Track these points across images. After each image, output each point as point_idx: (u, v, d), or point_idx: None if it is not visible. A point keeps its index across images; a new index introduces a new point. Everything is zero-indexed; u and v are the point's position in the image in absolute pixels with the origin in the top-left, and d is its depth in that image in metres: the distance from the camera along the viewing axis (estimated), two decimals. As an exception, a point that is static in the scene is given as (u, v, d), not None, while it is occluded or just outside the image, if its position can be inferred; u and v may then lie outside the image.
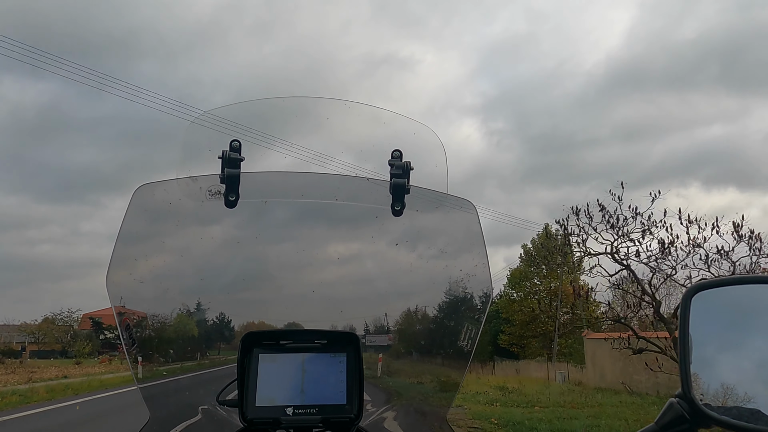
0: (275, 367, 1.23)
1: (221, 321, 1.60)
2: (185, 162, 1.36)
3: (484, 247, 1.38)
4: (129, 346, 1.35)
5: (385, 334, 1.64)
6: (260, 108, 1.47)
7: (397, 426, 1.50)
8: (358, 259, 1.55)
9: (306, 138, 1.53)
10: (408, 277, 1.50)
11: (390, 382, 1.70)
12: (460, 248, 1.45)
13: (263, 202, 1.45)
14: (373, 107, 1.47)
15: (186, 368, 1.60)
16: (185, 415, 1.49)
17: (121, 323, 1.33)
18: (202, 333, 1.57)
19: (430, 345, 1.62)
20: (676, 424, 0.93)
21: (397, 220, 1.37)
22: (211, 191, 1.35)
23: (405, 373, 1.70)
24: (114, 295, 1.29)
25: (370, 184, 1.39)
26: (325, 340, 1.27)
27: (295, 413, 1.19)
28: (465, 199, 1.39)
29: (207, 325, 1.55)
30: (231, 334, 1.64)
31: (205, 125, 1.39)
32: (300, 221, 1.56)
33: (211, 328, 1.60)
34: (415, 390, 1.62)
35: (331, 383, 1.23)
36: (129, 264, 1.33)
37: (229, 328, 1.64)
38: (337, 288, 1.55)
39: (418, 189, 1.37)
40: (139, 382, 1.38)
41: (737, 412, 0.93)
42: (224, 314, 1.59)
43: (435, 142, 1.42)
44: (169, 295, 1.43)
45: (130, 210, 1.31)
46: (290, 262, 1.55)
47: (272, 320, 1.55)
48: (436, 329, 1.62)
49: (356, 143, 1.52)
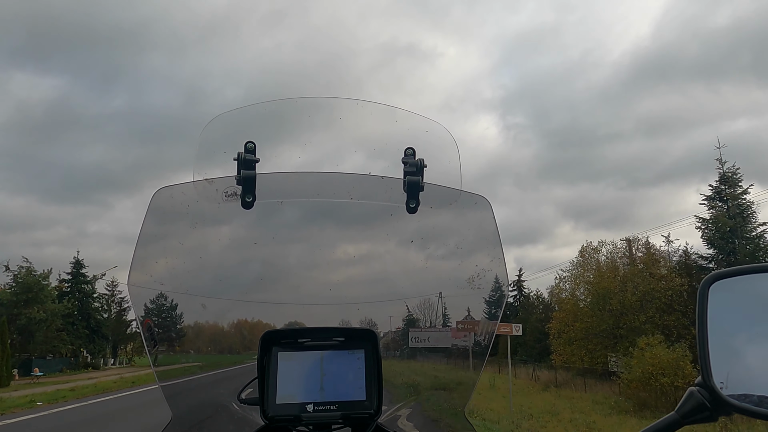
0: (294, 365, 1.25)
1: (240, 320, 1.61)
2: (201, 164, 1.38)
3: (500, 243, 1.39)
4: (151, 347, 1.37)
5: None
6: (273, 108, 1.48)
7: (416, 421, 1.52)
8: (374, 257, 1.56)
9: (319, 137, 1.54)
10: (423, 275, 1.51)
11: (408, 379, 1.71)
12: (475, 245, 1.46)
13: (279, 202, 1.46)
14: (386, 106, 1.48)
15: (206, 368, 1.61)
16: (207, 414, 1.51)
17: (143, 324, 1.35)
18: (222, 333, 1.59)
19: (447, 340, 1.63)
20: (697, 413, 0.94)
21: (412, 217, 1.39)
22: (228, 193, 1.36)
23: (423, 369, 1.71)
24: (135, 297, 1.30)
25: (384, 182, 1.40)
26: (342, 337, 1.28)
27: (315, 410, 1.21)
28: (480, 195, 1.40)
29: (226, 325, 1.57)
30: (250, 334, 1.65)
31: (220, 127, 1.41)
32: (315, 220, 1.58)
33: (231, 328, 1.62)
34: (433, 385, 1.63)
35: (350, 380, 1.24)
36: (149, 266, 1.35)
37: (248, 327, 1.66)
38: (353, 286, 1.57)
39: (432, 186, 1.37)
40: (160, 381, 1.40)
41: (757, 399, 0.94)
42: (243, 314, 1.60)
43: (448, 139, 1.43)
44: (189, 296, 1.44)
45: (149, 213, 1.32)
46: (307, 261, 1.57)
47: (290, 319, 1.57)
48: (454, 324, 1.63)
49: (369, 141, 1.54)
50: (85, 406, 16.48)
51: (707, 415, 0.93)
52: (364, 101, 1.45)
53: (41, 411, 15.39)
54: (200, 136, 1.40)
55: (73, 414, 14.95)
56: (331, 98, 1.48)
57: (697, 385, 0.95)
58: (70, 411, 15.51)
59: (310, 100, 1.50)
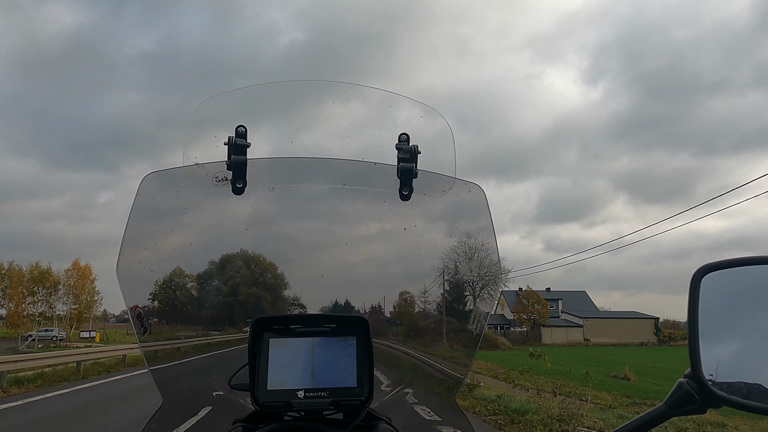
0: (286, 351, 1.24)
1: (231, 307, 1.60)
2: (191, 148, 1.35)
3: (493, 231, 1.38)
4: (140, 333, 1.36)
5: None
6: (265, 92, 1.45)
7: (408, 408, 1.53)
8: (367, 243, 1.55)
9: (312, 122, 1.51)
10: (417, 261, 1.51)
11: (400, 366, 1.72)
12: (469, 232, 1.45)
13: (270, 188, 1.44)
14: (381, 90, 1.46)
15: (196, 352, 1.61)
16: (197, 399, 1.51)
17: (132, 310, 1.34)
18: (212, 319, 1.58)
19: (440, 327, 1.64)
20: (685, 404, 0.94)
21: (405, 204, 1.37)
22: (218, 178, 1.34)
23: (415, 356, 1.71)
24: (124, 284, 1.29)
25: (377, 168, 1.39)
26: (334, 324, 1.28)
27: (306, 396, 1.21)
28: (474, 183, 1.39)
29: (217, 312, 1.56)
30: (241, 320, 1.65)
31: (210, 110, 1.38)
32: (307, 207, 1.56)
33: (221, 315, 1.61)
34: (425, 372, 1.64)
35: (341, 366, 1.24)
36: (138, 252, 1.33)
37: (239, 314, 1.65)
38: (345, 272, 1.56)
39: (426, 173, 1.36)
40: (150, 366, 1.39)
41: (746, 392, 0.95)
42: (234, 300, 1.59)
43: (443, 124, 1.41)
44: (179, 282, 1.43)
45: (137, 199, 1.30)
46: (298, 247, 1.55)
47: (282, 305, 1.56)
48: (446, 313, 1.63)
49: (363, 127, 1.51)
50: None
51: (696, 407, 0.94)
52: (358, 85, 1.43)
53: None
54: (190, 119, 1.36)
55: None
56: (323, 81, 1.45)
57: (686, 377, 0.96)
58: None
59: (303, 84, 1.47)
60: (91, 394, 14.18)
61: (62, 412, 11.39)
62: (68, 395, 13.67)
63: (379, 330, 1.61)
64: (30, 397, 13.07)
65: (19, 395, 13.42)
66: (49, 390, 14.43)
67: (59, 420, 10.53)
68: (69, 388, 14.91)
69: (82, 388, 15.18)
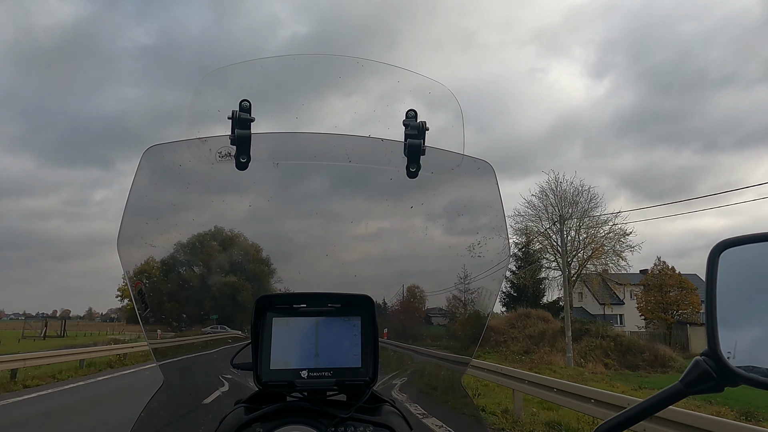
0: (289, 330, 1.22)
1: (234, 284, 1.58)
2: (194, 122, 1.32)
3: (503, 210, 1.35)
4: (142, 310, 1.34)
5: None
6: (270, 66, 1.42)
7: (412, 389, 1.50)
8: (372, 222, 1.52)
9: (318, 97, 1.48)
10: (423, 240, 1.47)
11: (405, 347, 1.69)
12: (477, 211, 1.42)
13: (275, 164, 1.41)
14: (388, 65, 1.42)
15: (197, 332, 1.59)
16: (199, 378, 1.49)
17: (133, 287, 1.32)
18: (215, 296, 1.55)
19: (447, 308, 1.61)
20: (702, 382, 0.91)
21: (412, 182, 1.34)
22: (222, 153, 1.31)
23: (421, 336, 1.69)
24: (126, 259, 1.26)
25: (384, 144, 1.35)
26: (338, 303, 1.25)
27: (309, 376, 1.18)
28: (483, 160, 1.35)
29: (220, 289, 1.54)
30: (244, 298, 1.62)
31: (214, 84, 1.35)
32: (312, 183, 1.53)
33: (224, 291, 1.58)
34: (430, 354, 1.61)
35: (345, 347, 1.21)
36: (140, 227, 1.31)
37: (242, 291, 1.62)
38: (350, 251, 1.53)
39: (434, 150, 1.33)
40: (151, 344, 1.37)
41: (765, 371, 0.91)
42: (237, 277, 1.57)
43: (451, 100, 1.37)
44: (181, 258, 1.41)
45: (139, 172, 1.27)
46: (303, 225, 1.52)
47: (285, 284, 1.53)
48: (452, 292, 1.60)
49: (370, 102, 1.48)
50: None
51: (712, 385, 0.91)
52: (365, 59, 1.39)
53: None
54: (193, 92, 1.34)
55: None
56: (330, 56, 1.42)
57: (703, 355, 0.93)
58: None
59: (308, 58, 1.44)
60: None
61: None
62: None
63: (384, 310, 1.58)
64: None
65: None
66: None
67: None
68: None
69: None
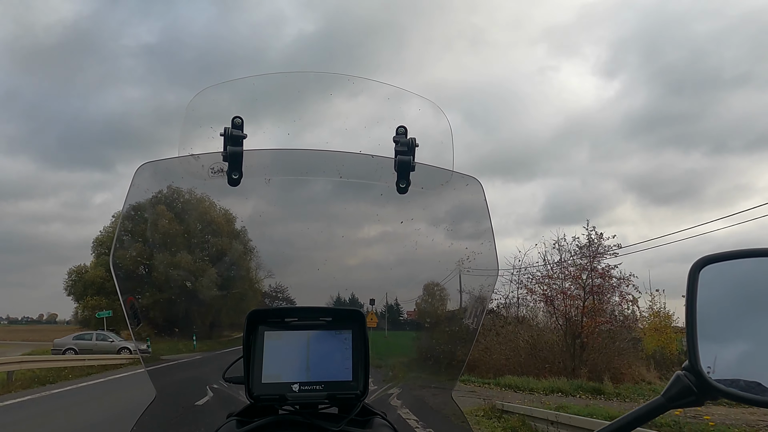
0: (281, 344, 1.23)
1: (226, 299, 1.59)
2: (186, 139, 1.34)
3: (491, 225, 1.37)
4: (134, 324, 1.35)
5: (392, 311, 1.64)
6: (262, 83, 1.44)
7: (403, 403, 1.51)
8: (363, 237, 1.54)
9: (309, 113, 1.50)
10: (413, 255, 1.50)
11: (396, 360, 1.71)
12: (466, 226, 1.44)
13: (267, 180, 1.43)
14: (378, 82, 1.45)
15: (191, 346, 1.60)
16: (191, 392, 1.50)
17: (126, 302, 1.33)
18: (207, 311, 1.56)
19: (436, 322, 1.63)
20: (683, 396, 0.94)
21: (402, 197, 1.36)
22: (214, 169, 1.33)
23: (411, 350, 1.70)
24: (118, 275, 1.28)
25: (374, 160, 1.38)
26: (330, 317, 1.27)
27: (301, 390, 1.20)
28: (471, 176, 1.38)
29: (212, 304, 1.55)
30: (236, 313, 1.64)
31: (207, 101, 1.37)
32: (304, 199, 1.55)
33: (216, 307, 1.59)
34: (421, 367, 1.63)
35: (336, 360, 1.23)
36: (133, 243, 1.32)
37: (234, 306, 1.64)
38: (341, 266, 1.55)
39: (423, 166, 1.35)
40: (144, 360, 1.38)
41: (744, 385, 0.94)
42: (228, 292, 1.58)
43: (441, 117, 1.40)
44: (173, 273, 1.42)
45: (132, 189, 1.29)
46: (294, 240, 1.54)
47: (277, 298, 1.55)
48: (441, 307, 1.62)
49: (360, 119, 1.50)
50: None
51: (693, 399, 0.93)
52: (356, 77, 1.42)
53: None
54: (186, 110, 1.36)
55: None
56: (321, 73, 1.44)
57: (684, 370, 0.95)
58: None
59: (301, 75, 1.46)
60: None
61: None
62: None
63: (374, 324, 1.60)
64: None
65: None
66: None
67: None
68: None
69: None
